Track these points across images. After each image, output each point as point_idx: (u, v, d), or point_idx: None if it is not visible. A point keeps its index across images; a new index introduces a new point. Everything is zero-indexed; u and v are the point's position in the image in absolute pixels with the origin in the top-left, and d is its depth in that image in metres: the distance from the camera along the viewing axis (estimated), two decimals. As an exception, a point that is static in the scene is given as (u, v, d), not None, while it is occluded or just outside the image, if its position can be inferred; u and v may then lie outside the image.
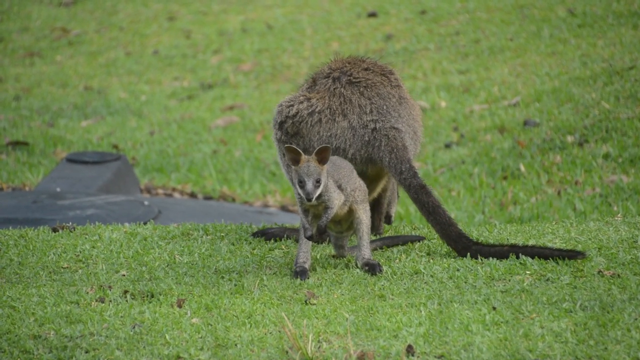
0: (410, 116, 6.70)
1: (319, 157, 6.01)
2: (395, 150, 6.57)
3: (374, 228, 7.01)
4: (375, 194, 6.94)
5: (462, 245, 6.36)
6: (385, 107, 6.63)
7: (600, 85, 12.83)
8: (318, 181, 5.99)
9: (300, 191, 6.00)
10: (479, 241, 6.46)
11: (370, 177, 6.72)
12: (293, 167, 6.04)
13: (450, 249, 6.46)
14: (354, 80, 6.69)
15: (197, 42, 20.23)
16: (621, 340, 5.03)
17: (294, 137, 6.66)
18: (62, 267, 6.39)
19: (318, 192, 6.00)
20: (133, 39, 21.04)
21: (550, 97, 13.13)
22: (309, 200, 5.98)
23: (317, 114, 6.64)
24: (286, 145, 6.03)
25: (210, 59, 19.19)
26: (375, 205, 7.00)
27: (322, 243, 6.85)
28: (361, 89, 6.67)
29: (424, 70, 16.09)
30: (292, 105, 6.69)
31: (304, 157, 6.02)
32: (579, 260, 6.15)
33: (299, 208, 6.15)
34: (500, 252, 6.27)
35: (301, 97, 6.73)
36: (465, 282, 5.94)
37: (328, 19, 20.04)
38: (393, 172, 6.54)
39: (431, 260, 6.35)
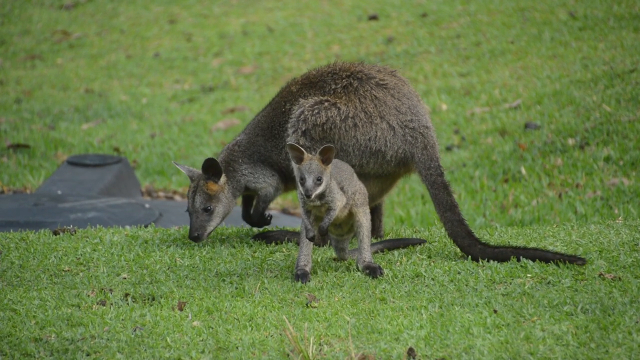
0: (427, 113, 6.78)
1: (322, 157, 6.00)
2: (428, 147, 6.64)
3: (375, 230, 7.01)
4: (386, 195, 6.94)
5: (468, 242, 6.40)
6: (414, 107, 6.69)
7: (601, 88, 12.83)
8: (319, 179, 5.98)
9: (300, 188, 5.99)
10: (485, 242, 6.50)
11: (394, 176, 6.76)
12: (296, 165, 6.03)
13: (451, 252, 6.47)
14: (380, 82, 6.70)
15: (198, 45, 20.24)
16: (622, 343, 5.03)
17: (319, 142, 6.64)
18: (63, 270, 6.39)
19: (319, 190, 5.98)
20: (134, 41, 21.05)
21: (551, 100, 13.13)
22: (308, 196, 5.95)
23: (351, 119, 6.62)
24: (289, 143, 6.00)
25: (211, 62, 19.19)
26: (377, 208, 7.00)
27: (323, 245, 6.84)
28: (391, 91, 6.69)
29: (425, 73, 16.09)
30: (319, 112, 6.64)
31: (307, 155, 6.01)
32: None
33: (301, 209, 6.14)
34: (503, 253, 6.29)
35: (326, 103, 6.68)
36: (466, 285, 5.95)
37: (329, 22, 20.04)
38: (421, 168, 6.60)
39: (432, 263, 6.36)
